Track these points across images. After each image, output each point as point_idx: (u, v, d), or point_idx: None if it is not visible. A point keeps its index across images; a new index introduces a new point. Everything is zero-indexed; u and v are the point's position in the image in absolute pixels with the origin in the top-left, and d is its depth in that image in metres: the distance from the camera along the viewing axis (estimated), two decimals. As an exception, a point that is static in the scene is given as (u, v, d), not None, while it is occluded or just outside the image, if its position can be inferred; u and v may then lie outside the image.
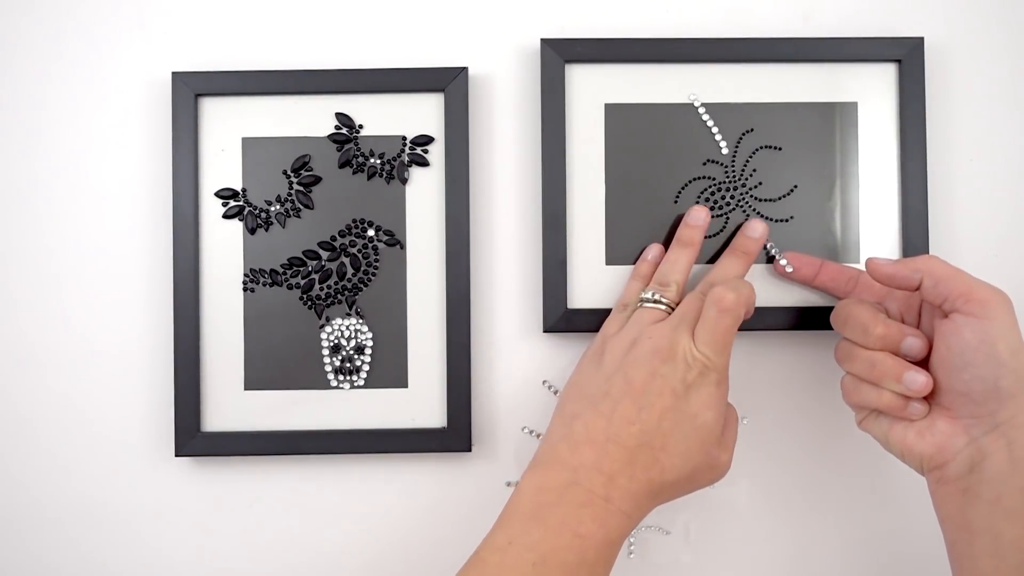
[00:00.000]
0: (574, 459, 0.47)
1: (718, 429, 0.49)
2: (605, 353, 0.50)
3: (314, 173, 0.57)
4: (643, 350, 0.48)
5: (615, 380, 0.48)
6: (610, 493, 0.46)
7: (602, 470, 0.46)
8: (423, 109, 0.57)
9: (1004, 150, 0.58)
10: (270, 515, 0.58)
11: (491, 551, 0.46)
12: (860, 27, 0.58)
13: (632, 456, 0.47)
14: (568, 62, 0.56)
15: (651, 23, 0.58)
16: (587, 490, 0.46)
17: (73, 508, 0.58)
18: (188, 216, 0.56)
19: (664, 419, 0.47)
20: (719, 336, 0.48)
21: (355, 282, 0.57)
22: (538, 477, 0.48)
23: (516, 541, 0.45)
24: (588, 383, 0.50)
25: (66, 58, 0.58)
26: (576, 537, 0.45)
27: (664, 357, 0.48)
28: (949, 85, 0.58)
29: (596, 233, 0.57)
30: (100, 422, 0.58)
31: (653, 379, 0.47)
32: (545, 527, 0.45)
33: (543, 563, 0.44)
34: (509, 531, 0.46)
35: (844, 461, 0.58)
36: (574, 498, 0.46)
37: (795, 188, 0.57)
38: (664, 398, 0.47)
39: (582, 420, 0.48)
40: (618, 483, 0.46)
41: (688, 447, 0.47)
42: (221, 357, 0.57)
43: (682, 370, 0.47)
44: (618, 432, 0.47)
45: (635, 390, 0.47)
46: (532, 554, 0.44)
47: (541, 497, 0.46)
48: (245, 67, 0.58)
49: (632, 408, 0.47)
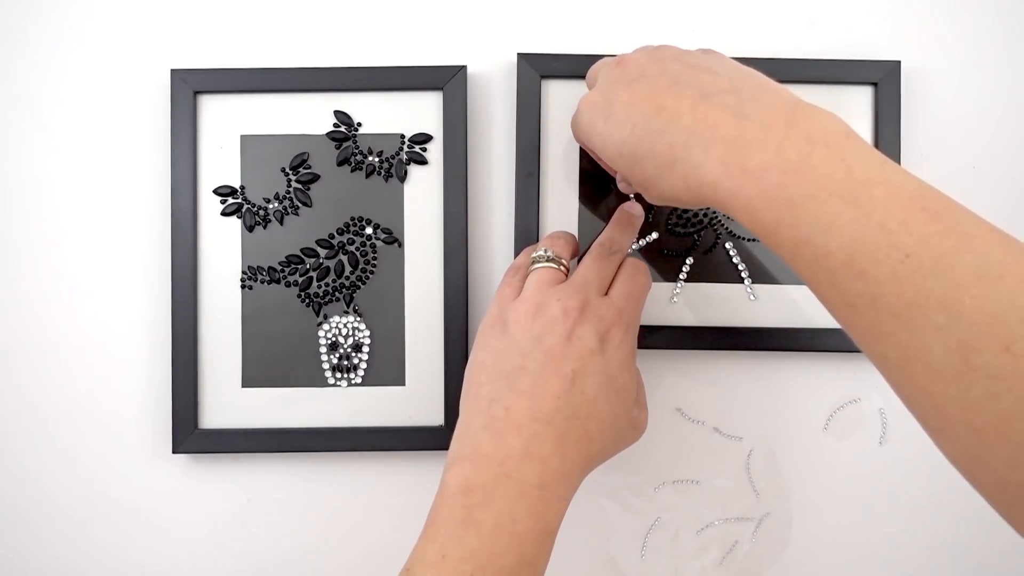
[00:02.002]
0: (500, 449, 0.42)
1: (635, 388, 0.47)
2: (508, 323, 0.46)
3: (312, 171, 0.57)
4: (553, 313, 0.45)
5: (530, 351, 0.44)
6: (544, 480, 0.42)
7: (533, 456, 0.42)
8: (422, 107, 0.57)
9: (978, 173, 0.58)
10: (267, 512, 0.58)
11: (424, 566, 0.41)
12: (836, 50, 0.58)
13: (562, 433, 0.43)
14: (544, 77, 0.56)
15: (629, 39, 0.58)
16: (519, 482, 0.42)
17: (71, 504, 0.58)
18: (186, 213, 0.56)
19: (587, 384, 0.44)
20: (637, 289, 0.47)
21: (353, 280, 0.57)
22: (463, 474, 0.43)
23: (450, 553, 0.41)
24: (499, 359, 0.45)
25: (66, 56, 0.58)
26: (514, 536, 0.41)
27: (577, 318, 0.44)
28: (925, 109, 0.58)
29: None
30: (98, 418, 0.58)
31: (570, 343, 0.44)
32: (479, 533, 0.41)
33: (482, 573, 0.40)
34: (441, 542, 0.41)
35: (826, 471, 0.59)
36: (506, 494, 0.42)
37: None
38: (584, 361, 0.44)
39: (501, 403, 0.44)
40: (551, 466, 0.42)
41: (613, 411, 0.45)
42: (219, 354, 0.57)
43: (597, 328, 0.45)
44: (544, 409, 0.43)
45: (553, 358, 0.44)
46: (468, 565, 0.40)
47: (470, 498, 0.42)
48: (244, 65, 0.58)
49: (554, 379, 0.43)
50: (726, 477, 0.59)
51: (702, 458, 0.59)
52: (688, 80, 0.41)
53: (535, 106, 0.56)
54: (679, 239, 0.57)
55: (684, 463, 0.59)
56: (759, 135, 0.37)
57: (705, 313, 0.57)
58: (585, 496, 0.59)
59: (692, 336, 0.57)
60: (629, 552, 0.59)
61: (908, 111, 0.58)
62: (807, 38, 0.58)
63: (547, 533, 0.43)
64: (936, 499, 0.59)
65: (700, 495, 0.59)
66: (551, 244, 0.49)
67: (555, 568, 0.59)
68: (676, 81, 0.41)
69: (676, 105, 0.40)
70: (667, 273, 0.57)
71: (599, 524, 0.59)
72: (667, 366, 0.58)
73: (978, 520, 0.59)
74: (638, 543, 0.59)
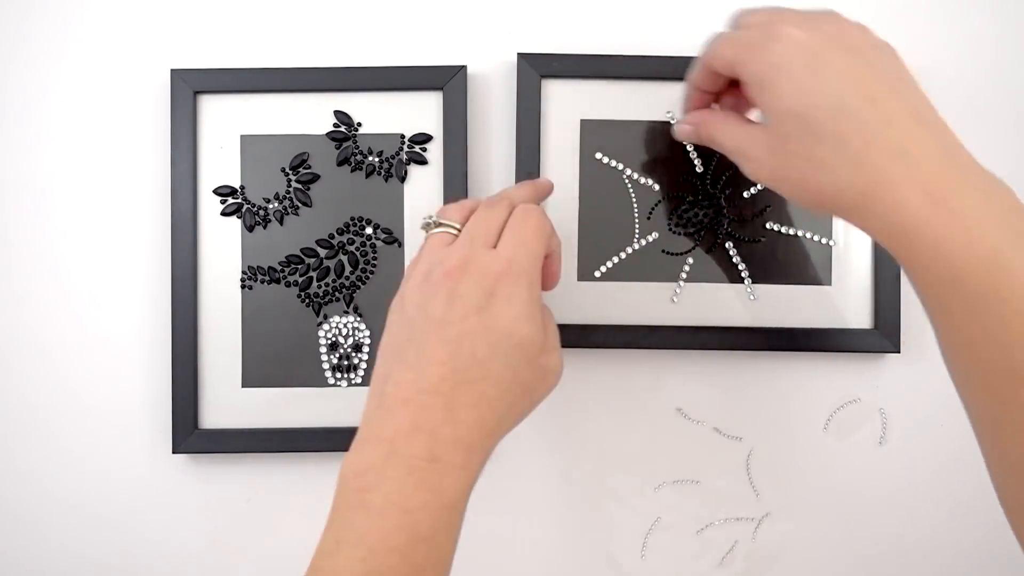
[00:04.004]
0: (389, 427, 0.40)
1: (540, 338, 0.43)
2: (404, 297, 0.44)
3: (312, 171, 0.57)
4: (436, 277, 0.42)
5: (417, 321, 0.42)
6: (435, 451, 0.40)
7: (422, 428, 0.40)
8: (422, 107, 0.57)
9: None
10: (267, 512, 0.58)
11: (323, 557, 0.40)
12: None
13: (451, 401, 0.40)
14: (544, 77, 0.56)
15: (630, 40, 0.58)
16: (407, 457, 0.40)
17: (71, 504, 0.58)
18: (186, 213, 0.56)
19: (476, 346, 0.41)
20: (528, 232, 0.43)
21: (353, 280, 0.57)
22: (355, 460, 0.41)
23: (343, 539, 0.39)
24: (395, 336, 0.43)
25: (66, 56, 0.58)
26: (405, 514, 0.39)
27: (457, 276, 0.42)
28: None
29: (568, 249, 0.57)
30: (98, 418, 0.58)
31: (452, 304, 0.41)
32: (368, 514, 0.39)
33: (372, 556, 0.38)
34: (336, 530, 0.40)
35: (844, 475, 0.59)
36: (395, 471, 0.40)
37: (768, 208, 0.57)
38: (469, 321, 0.41)
39: (392, 380, 0.42)
40: (442, 436, 0.40)
41: (512, 367, 0.42)
42: (219, 354, 0.57)
43: (481, 283, 0.42)
44: (429, 379, 0.41)
45: (436, 324, 0.41)
46: (360, 549, 0.39)
47: (360, 480, 0.40)
48: (244, 64, 0.58)
49: (438, 346, 0.41)
50: (726, 477, 0.59)
51: (702, 458, 0.59)
52: (905, 89, 0.39)
53: (535, 106, 0.56)
54: (679, 239, 0.57)
55: (684, 463, 0.59)
56: (964, 178, 0.36)
57: (705, 313, 0.57)
58: (585, 496, 0.59)
59: (692, 336, 0.57)
60: (629, 552, 0.59)
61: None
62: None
63: (445, 507, 0.40)
64: (936, 499, 0.59)
65: (700, 495, 0.59)
66: (442, 210, 0.47)
67: (556, 568, 0.59)
68: (899, 79, 0.39)
69: (893, 110, 0.38)
70: (667, 273, 0.57)
71: (599, 524, 0.59)
72: (667, 366, 0.58)
73: (978, 520, 0.59)
74: (638, 543, 0.59)
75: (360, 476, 0.40)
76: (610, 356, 0.58)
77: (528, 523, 0.59)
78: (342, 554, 0.39)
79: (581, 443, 0.59)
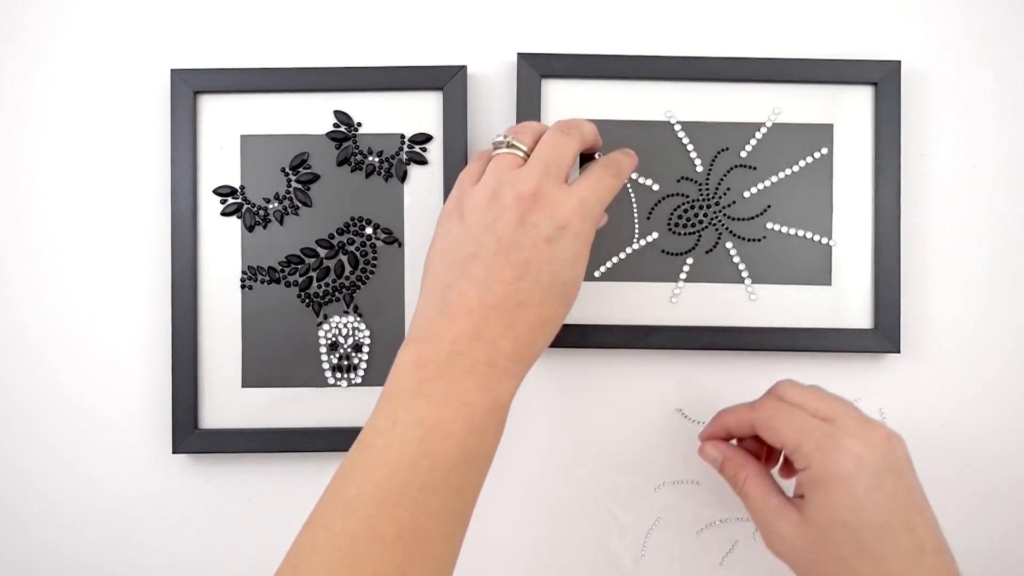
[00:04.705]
0: (452, 330, 0.43)
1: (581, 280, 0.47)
2: (465, 209, 0.46)
3: (312, 171, 0.57)
4: (506, 200, 0.44)
5: (484, 238, 0.44)
6: (494, 359, 0.43)
7: (483, 337, 0.43)
8: (422, 107, 0.57)
9: (978, 173, 0.58)
10: (266, 512, 0.58)
11: (375, 435, 0.42)
12: (836, 50, 0.58)
13: (512, 318, 0.44)
14: (544, 77, 0.56)
15: (630, 40, 0.58)
16: (469, 359, 0.43)
17: (71, 504, 0.58)
18: (186, 213, 0.56)
19: (542, 273, 0.44)
20: (605, 184, 0.46)
21: (353, 280, 0.57)
22: (416, 353, 0.44)
23: (400, 420, 0.42)
24: (455, 246, 0.45)
25: (66, 56, 0.58)
26: (463, 406, 0.42)
27: (529, 204, 0.44)
28: (925, 108, 0.58)
29: None
30: (98, 418, 0.58)
31: (523, 230, 0.44)
32: (428, 402, 0.42)
33: (430, 437, 0.41)
34: (391, 412, 0.43)
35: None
36: (456, 369, 0.43)
37: (768, 208, 0.57)
38: (538, 248, 0.44)
39: (456, 289, 0.44)
40: (501, 347, 0.43)
41: (562, 297, 0.45)
42: (219, 354, 0.57)
43: (554, 217, 0.44)
44: (495, 295, 0.43)
45: (504, 245, 0.44)
46: (418, 430, 0.41)
47: (421, 372, 0.43)
48: (244, 64, 0.58)
49: (506, 266, 0.43)
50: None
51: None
52: (926, 509, 0.45)
53: (535, 106, 0.56)
54: (679, 239, 0.57)
55: (684, 463, 0.59)
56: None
57: (705, 313, 0.57)
58: (585, 496, 0.59)
59: (692, 336, 0.57)
60: (629, 552, 0.59)
61: (908, 111, 0.58)
62: (807, 38, 0.58)
63: (497, 407, 0.44)
64: (935, 499, 0.58)
65: (700, 495, 0.59)
66: (514, 130, 0.48)
67: (556, 568, 0.59)
68: (922, 499, 0.45)
69: (922, 538, 0.44)
70: (667, 273, 0.57)
71: (599, 524, 0.59)
72: (667, 366, 0.58)
73: (978, 520, 0.59)
74: (638, 543, 0.59)
75: (421, 368, 0.43)
76: (610, 356, 0.58)
77: (528, 523, 0.59)
78: (398, 433, 0.42)
79: (581, 443, 0.59)
